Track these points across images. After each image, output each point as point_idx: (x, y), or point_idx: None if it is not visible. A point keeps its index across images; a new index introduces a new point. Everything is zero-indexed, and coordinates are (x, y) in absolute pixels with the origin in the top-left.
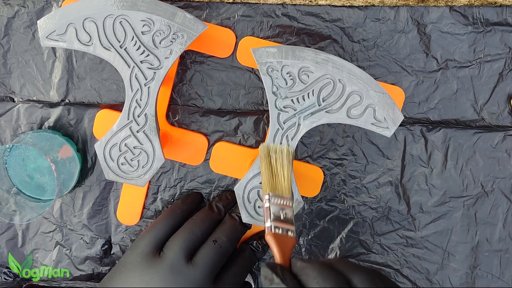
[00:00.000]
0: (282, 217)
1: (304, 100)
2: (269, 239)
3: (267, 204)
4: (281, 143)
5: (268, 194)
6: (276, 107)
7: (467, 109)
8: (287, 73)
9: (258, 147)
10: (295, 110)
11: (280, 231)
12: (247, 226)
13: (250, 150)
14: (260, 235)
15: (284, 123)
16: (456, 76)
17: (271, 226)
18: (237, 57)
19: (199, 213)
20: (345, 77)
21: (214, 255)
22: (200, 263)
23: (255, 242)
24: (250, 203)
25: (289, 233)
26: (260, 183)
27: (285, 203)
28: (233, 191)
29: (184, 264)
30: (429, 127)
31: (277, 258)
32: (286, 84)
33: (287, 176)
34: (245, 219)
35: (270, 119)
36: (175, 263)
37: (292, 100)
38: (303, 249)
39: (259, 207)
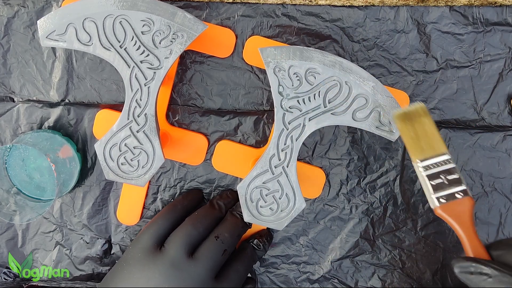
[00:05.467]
0: (445, 181)
1: (310, 101)
2: (440, 215)
3: (422, 174)
4: (285, 144)
5: (418, 162)
6: (282, 107)
7: (467, 109)
8: (294, 74)
9: (259, 147)
10: (300, 111)
11: (446, 200)
12: (248, 225)
13: (253, 149)
14: (261, 233)
15: (289, 124)
16: (456, 76)
17: (434, 200)
18: (243, 56)
19: (201, 210)
20: (352, 80)
21: (216, 251)
22: (201, 258)
23: (256, 240)
24: (253, 202)
25: (458, 195)
26: (264, 182)
27: (441, 161)
28: (234, 190)
29: (185, 259)
30: None
31: (460, 232)
32: (293, 84)
33: (431, 131)
34: (246, 218)
35: (275, 119)
36: (176, 259)
37: (298, 101)
38: (303, 249)
39: (261, 206)
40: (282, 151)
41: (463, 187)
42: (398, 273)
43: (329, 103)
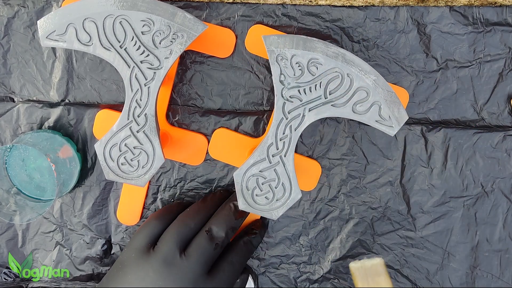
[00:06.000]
0: None
1: (311, 91)
2: None
3: None
4: (284, 133)
5: None
6: (282, 96)
7: (467, 109)
8: (296, 63)
9: (257, 137)
10: (301, 101)
11: None
12: (242, 217)
13: (250, 138)
14: (255, 223)
15: (289, 113)
16: (456, 76)
17: None
18: (246, 45)
19: (193, 206)
20: (354, 72)
21: (207, 245)
22: (192, 254)
23: (251, 229)
24: (248, 190)
25: None
26: (260, 171)
27: None
28: (227, 190)
29: (177, 256)
30: (429, 127)
31: None
32: (294, 74)
33: None
34: (241, 206)
35: (275, 108)
36: (169, 256)
37: (299, 91)
38: (303, 249)
39: (256, 195)
40: (280, 140)
41: None
42: (398, 273)
43: (329, 94)
